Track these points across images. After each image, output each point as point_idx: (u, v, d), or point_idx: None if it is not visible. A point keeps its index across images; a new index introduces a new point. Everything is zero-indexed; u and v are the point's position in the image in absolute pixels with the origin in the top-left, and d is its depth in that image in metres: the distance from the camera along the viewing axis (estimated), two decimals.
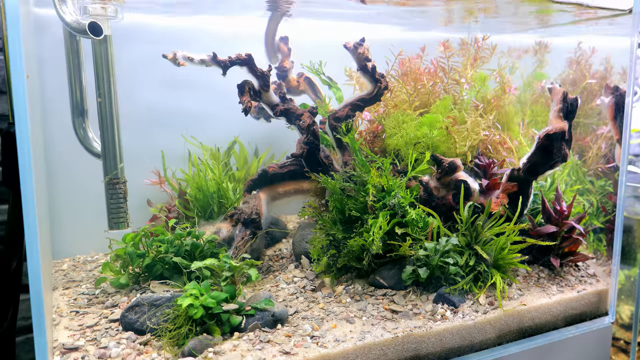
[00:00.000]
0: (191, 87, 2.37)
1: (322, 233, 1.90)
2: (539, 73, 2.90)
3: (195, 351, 1.43)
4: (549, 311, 1.87)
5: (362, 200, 1.84)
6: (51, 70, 2.00)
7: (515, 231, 1.85)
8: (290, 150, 2.10)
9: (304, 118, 1.98)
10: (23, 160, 1.19)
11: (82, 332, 1.55)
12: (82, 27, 1.65)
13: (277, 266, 2.09)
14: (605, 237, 2.38)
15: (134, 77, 2.23)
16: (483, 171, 2.10)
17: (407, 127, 2.07)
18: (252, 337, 1.52)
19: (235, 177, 2.46)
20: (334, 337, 1.56)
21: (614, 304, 2.07)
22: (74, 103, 1.92)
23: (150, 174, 2.28)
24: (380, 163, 1.90)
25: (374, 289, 1.85)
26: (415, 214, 1.83)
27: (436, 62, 2.33)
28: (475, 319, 1.72)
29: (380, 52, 2.22)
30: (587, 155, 2.54)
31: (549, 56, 2.92)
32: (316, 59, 2.36)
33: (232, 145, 2.50)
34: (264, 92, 1.96)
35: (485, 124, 2.21)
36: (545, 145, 1.88)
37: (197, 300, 1.49)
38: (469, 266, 1.82)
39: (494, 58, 2.40)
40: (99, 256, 2.25)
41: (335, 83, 2.42)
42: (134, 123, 2.15)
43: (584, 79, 2.69)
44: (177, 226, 1.94)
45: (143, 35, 2.25)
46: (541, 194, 2.10)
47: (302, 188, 2.17)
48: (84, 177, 2.10)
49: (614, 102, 2.28)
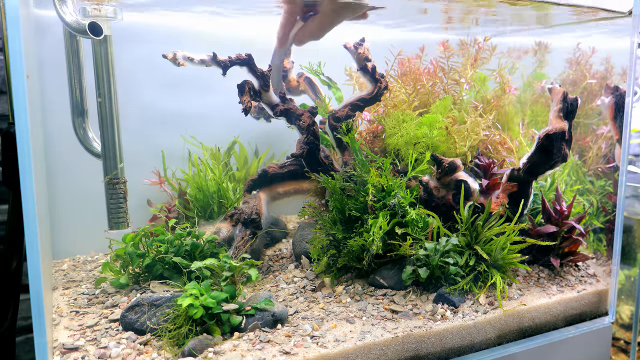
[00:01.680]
0: (191, 87, 2.37)
1: (322, 233, 1.90)
2: (539, 73, 2.90)
3: (195, 351, 1.43)
4: (549, 311, 1.87)
5: (362, 200, 1.84)
6: (51, 70, 2.00)
7: (515, 231, 1.85)
8: (290, 150, 2.10)
9: (304, 118, 1.98)
10: (23, 160, 1.19)
11: (82, 332, 1.55)
12: (82, 27, 1.65)
13: (277, 266, 2.09)
14: (605, 237, 2.38)
15: (134, 77, 2.23)
16: (483, 171, 2.10)
17: (407, 127, 2.07)
18: (252, 337, 1.52)
19: (235, 177, 2.46)
20: (334, 337, 1.56)
21: (614, 304, 2.07)
22: (74, 103, 1.91)
23: (150, 174, 2.28)
24: (380, 163, 1.90)
25: (374, 289, 1.85)
26: (415, 214, 1.83)
27: (436, 62, 2.33)
28: (475, 319, 1.72)
29: (380, 53, 2.22)
30: (587, 155, 2.54)
31: (549, 56, 2.92)
32: (316, 59, 2.36)
33: (232, 145, 2.50)
34: (264, 92, 1.96)
35: (485, 124, 2.21)
36: (545, 145, 1.88)
37: (197, 300, 1.49)
38: (469, 266, 1.82)
39: (494, 58, 2.41)
40: (99, 256, 2.25)
41: (334, 83, 2.42)
42: (134, 123, 2.15)
43: (584, 79, 2.69)
44: (177, 226, 1.94)
45: (143, 36, 2.25)
46: (541, 194, 2.10)
47: (302, 188, 2.17)
48: (84, 177, 2.10)
49: (614, 102, 2.28)
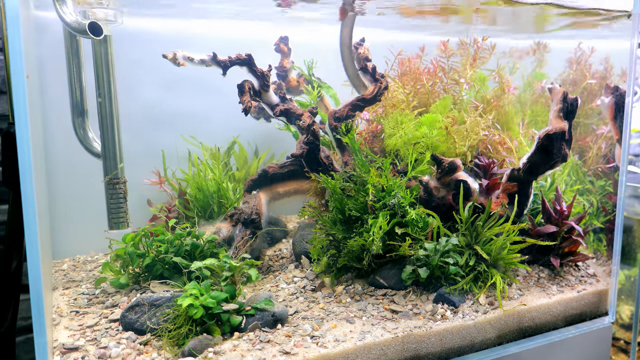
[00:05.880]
0: (191, 87, 2.37)
1: (322, 233, 1.90)
2: (539, 73, 2.90)
3: (195, 351, 1.43)
4: (549, 311, 1.87)
5: (362, 200, 1.84)
6: (51, 70, 2.00)
7: (515, 231, 1.85)
8: (290, 150, 2.10)
9: (304, 118, 1.98)
10: (23, 160, 1.19)
11: (82, 332, 1.55)
12: (82, 27, 1.65)
13: (277, 266, 2.09)
14: (605, 237, 2.38)
15: (134, 77, 2.23)
16: (483, 171, 2.10)
17: (406, 127, 2.07)
18: (252, 337, 1.52)
19: (235, 177, 2.46)
20: (334, 337, 1.56)
21: (614, 304, 2.07)
22: (74, 103, 1.92)
23: (150, 174, 2.28)
24: (380, 163, 1.90)
25: (374, 289, 1.85)
26: (415, 214, 1.83)
27: (436, 62, 2.33)
28: (475, 319, 1.72)
29: (380, 53, 2.23)
30: (587, 155, 2.54)
31: (549, 56, 2.92)
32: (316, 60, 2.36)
33: (232, 145, 2.50)
34: (264, 92, 1.96)
35: (484, 124, 2.21)
36: (545, 145, 1.88)
37: (197, 300, 1.49)
38: (469, 266, 1.82)
39: (493, 58, 2.41)
40: (99, 256, 2.25)
41: (324, 83, 2.43)
42: (134, 123, 2.15)
43: (584, 79, 2.69)
44: (177, 226, 1.94)
45: (143, 36, 2.25)
46: (541, 194, 2.10)
47: (302, 188, 2.17)
48: (84, 177, 2.10)
49: (614, 102, 2.28)
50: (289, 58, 2.51)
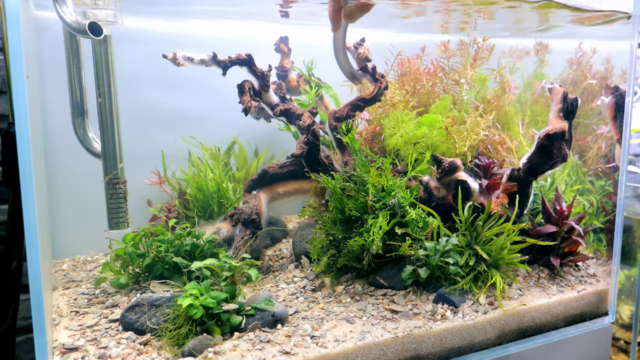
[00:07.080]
0: (191, 87, 2.37)
1: (322, 233, 1.90)
2: (539, 73, 2.90)
3: (195, 351, 1.43)
4: (549, 311, 1.87)
5: (362, 200, 1.84)
6: (51, 70, 2.00)
7: (515, 231, 1.85)
8: (290, 150, 2.10)
9: (304, 118, 1.98)
10: (23, 160, 1.19)
11: (82, 332, 1.55)
12: (82, 27, 1.65)
13: (277, 266, 2.09)
14: (605, 237, 2.38)
15: (134, 77, 2.23)
16: (483, 171, 2.10)
17: (406, 127, 2.07)
18: (252, 337, 1.52)
19: (235, 177, 2.46)
20: (334, 337, 1.56)
21: (614, 304, 2.07)
22: (74, 103, 1.92)
23: (150, 174, 2.28)
24: (380, 163, 1.90)
25: (374, 289, 1.85)
26: (415, 214, 1.83)
27: (436, 62, 2.33)
28: (475, 319, 1.72)
29: (380, 53, 2.23)
30: (587, 155, 2.54)
31: (550, 56, 2.92)
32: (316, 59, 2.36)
33: (232, 145, 2.50)
34: (264, 92, 1.96)
35: (485, 124, 2.21)
36: (545, 145, 1.88)
37: (197, 300, 1.49)
38: (469, 266, 1.82)
39: (494, 58, 2.41)
40: (99, 256, 2.25)
41: (324, 83, 2.43)
42: (134, 123, 2.15)
43: (585, 79, 2.69)
44: (177, 226, 1.94)
45: (143, 36, 2.25)
46: (541, 194, 2.10)
47: (302, 188, 2.17)
48: (84, 177, 2.10)
49: (614, 102, 2.28)
50: (289, 58, 2.51)
